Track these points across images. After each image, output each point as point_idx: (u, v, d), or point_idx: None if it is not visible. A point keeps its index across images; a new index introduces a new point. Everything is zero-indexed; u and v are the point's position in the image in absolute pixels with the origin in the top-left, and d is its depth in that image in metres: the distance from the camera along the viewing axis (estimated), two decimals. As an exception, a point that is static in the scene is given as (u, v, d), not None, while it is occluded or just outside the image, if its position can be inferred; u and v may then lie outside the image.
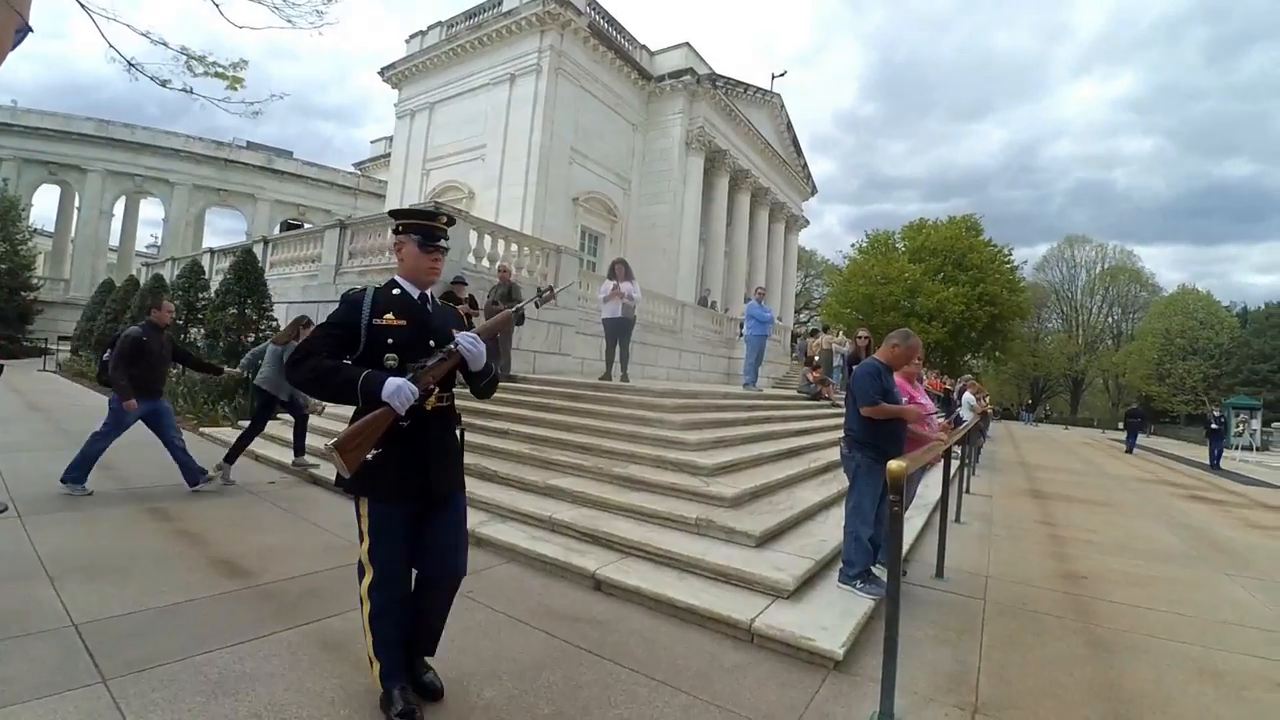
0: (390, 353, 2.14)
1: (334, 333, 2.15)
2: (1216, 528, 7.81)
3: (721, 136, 24.07)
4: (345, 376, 2.04)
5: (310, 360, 2.07)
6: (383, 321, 2.15)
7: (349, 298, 2.21)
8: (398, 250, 2.30)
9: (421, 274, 2.30)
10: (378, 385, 2.00)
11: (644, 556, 3.96)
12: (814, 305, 55.73)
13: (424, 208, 2.42)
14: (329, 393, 2.14)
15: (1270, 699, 3.05)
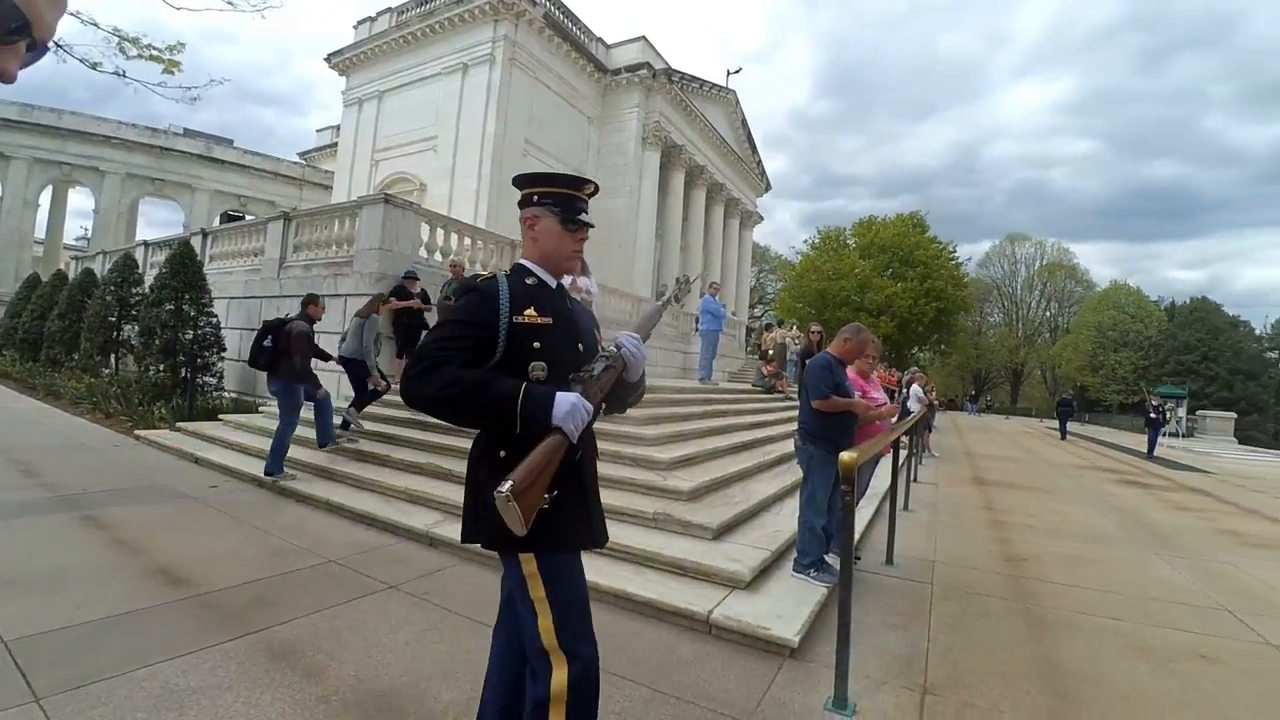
0: (537, 359, 1.61)
1: (465, 333, 1.59)
2: (1146, 510, 8.26)
3: (677, 132, 24.18)
4: (498, 392, 1.50)
5: (443, 372, 1.50)
6: (524, 319, 1.62)
7: (477, 286, 1.67)
8: (529, 226, 1.76)
9: (562, 258, 1.77)
10: (546, 404, 1.50)
11: (602, 553, 3.95)
12: (768, 300, 56.58)
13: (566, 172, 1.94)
14: (473, 414, 1.55)
15: (1196, 670, 3.25)
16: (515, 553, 1.60)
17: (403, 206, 9.05)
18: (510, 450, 1.55)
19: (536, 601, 1.60)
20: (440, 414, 1.55)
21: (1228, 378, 41.94)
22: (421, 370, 1.51)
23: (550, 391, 1.52)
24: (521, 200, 1.77)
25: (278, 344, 5.82)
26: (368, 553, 4.13)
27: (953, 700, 2.72)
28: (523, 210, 1.77)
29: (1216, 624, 3.97)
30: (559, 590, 1.62)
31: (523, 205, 1.77)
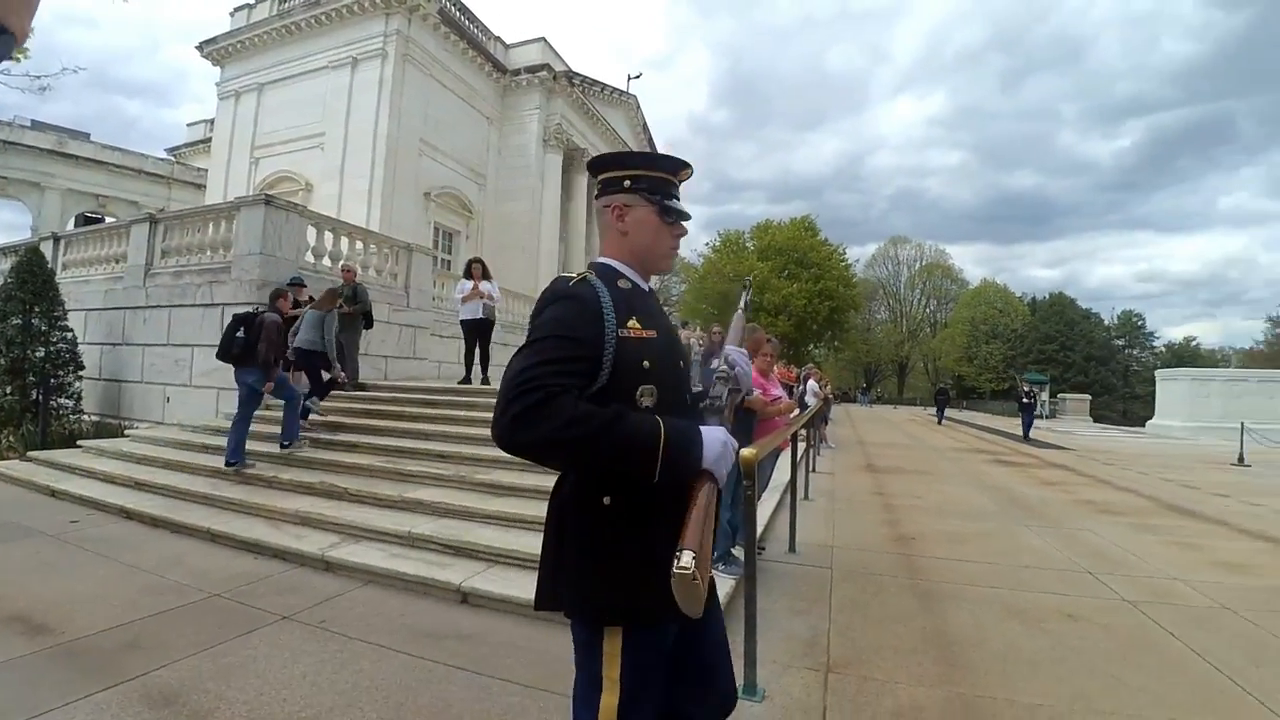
0: (646, 383, 1.30)
1: (572, 354, 1.22)
2: (1016, 487, 9.08)
3: (579, 135, 24.19)
4: (635, 430, 1.17)
5: (559, 406, 1.14)
6: (630, 332, 1.30)
7: (572, 292, 1.29)
8: (616, 217, 1.42)
9: (660, 257, 1.46)
10: (695, 444, 1.22)
11: (513, 563, 3.89)
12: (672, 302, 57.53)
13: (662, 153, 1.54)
14: (601, 460, 1.18)
15: (1063, 628, 3.61)
16: (604, 627, 1.27)
17: (286, 208, 8.49)
18: (616, 495, 1.25)
19: (607, 682, 1.26)
20: (557, 460, 1.23)
21: (1082, 364, 46.81)
22: (531, 406, 1.13)
23: (694, 427, 1.26)
24: (605, 184, 1.45)
25: (250, 335, 5.84)
26: (256, 583, 3.85)
27: (853, 676, 2.88)
28: (607, 197, 1.44)
29: (1079, 585, 4.43)
30: (640, 672, 1.27)
31: (607, 191, 1.44)
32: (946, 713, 2.61)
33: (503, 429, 1.16)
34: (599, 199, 1.46)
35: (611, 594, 1.24)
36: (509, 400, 1.15)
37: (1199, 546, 5.74)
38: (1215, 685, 2.94)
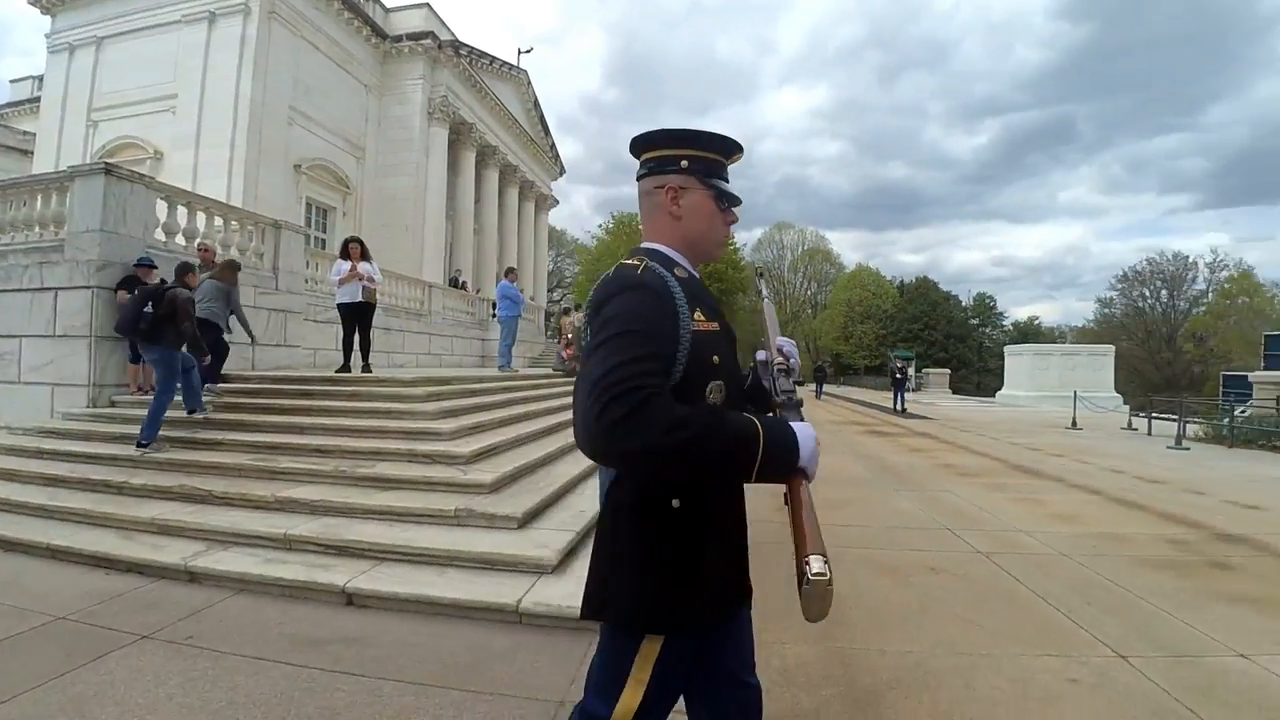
0: (715, 378, 1.23)
1: (655, 350, 1.11)
2: (888, 455, 9.85)
3: (466, 109, 23.24)
4: (736, 430, 1.09)
5: (659, 409, 1.02)
6: (698, 324, 1.22)
7: (643, 281, 1.19)
8: (671, 199, 1.32)
9: (714, 245, 1.39)
10: (793, 442, 1.14)
11: (400, 559, 3.75)
12: (566, 284, 57.22)
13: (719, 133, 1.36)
14: (704, 465, 1.08)
15: (928, 580, 4.00)
16: (644, 633, 1.21)
17: (131, 179, 7.53)
18: (685, 500, 1.19)
19: (633, 681, 1.22)
20: (658, 468, 1.07)
21: (944, 341, 51.30)
22: (633, 410, 0.99)
23: (787, 424, 1.16)
24: (658, 163, 1.33)
25: (158, 310, 5.57)
26: (109, 601, 3.45)
27: (743, 644, 3.03)
28: (660, 177, 1.33)
29: (941, 541, 4.90)
30: (669, 675, 1.24)
31: (659, 170, 1.33)
32: (827, 666, 2.82)
33: (600, 437, 1.02)
34: (648, 178, 1.35)
35: (667, 599, 1.19)
36: (605, 404, 1.00)
37: (1040, 501, 6.50)
38: (1055, 622, 3.37)
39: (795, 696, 2.55)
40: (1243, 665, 2.90)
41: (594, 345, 1.10)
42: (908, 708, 2.50)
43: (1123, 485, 7.46)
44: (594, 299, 1.20)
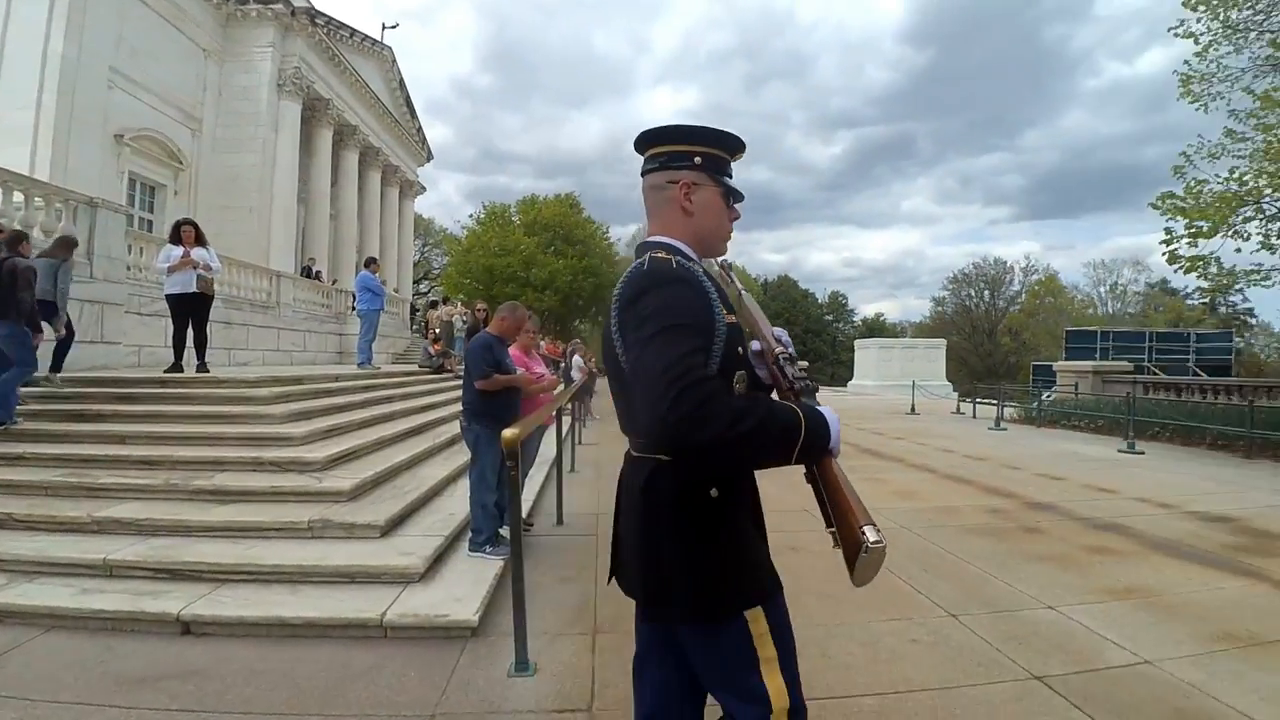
0: (740, 368, 1.27)
1: (705, 344, 1.16)
2: (751, 444, 10.35)
3: (323, 83, 21.41)
4: (784, 418, 1.13)
5: (722, 403, 1.05)
6: (728, 319, 1.25)
7: (681, 275, 1.20)
8: (684, 194, 1.33)
9: (720, 240, 1.42)
10: (826, 426, 1.18)
11: (246, 579, 3.41)
12: (434, 276, 54.88)
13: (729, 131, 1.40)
14: (760, 454, 1.14)
15: (789, 559, 4.15)
16: (741, 612, 1.23)
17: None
18: (723, 489, 1.23)
19: (765, 663, 1.23)
20: (726, 459, 1.13)
21: (802, 336, 54.88)
22: (700, 404, 1.01)
23: (819, 409, 1.20)
24: (670, 158, 1.34)
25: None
26: None
27: (619, 632, 3.06)
28: (671, 171, 1.33)
29: (800, 522, 5.21)
30: (786, 640, 1.28)
31: (672, 165, 1.33)
32: (697, 653, 2.91)
33: (674, 430, 1.02)
34: (659, 173, 1.35)
35: (745, 573, 1.25)
36: (674, 398, 1.01)
37: (883, 480, 7.14)
38: (899, 590, 3.71)
39: (667, 683, 2.62)
40: (1051, 616, 3.36)
41: (644, 338, 1.12)
42: (771, 682, 2.64)
43: (952, 463, 8.37)
44: (628, 292, 1.21)
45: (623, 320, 1.21)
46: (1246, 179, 9.52)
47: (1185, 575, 4.02)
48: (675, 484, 1.23)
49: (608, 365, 1.35)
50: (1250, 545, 4.69)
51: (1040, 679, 2.68)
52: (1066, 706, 2.46)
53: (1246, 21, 8.78)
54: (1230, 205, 9.30)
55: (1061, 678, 2.69)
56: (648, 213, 1.41)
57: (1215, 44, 9.10)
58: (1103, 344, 22.73)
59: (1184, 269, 10.20)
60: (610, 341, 1.28)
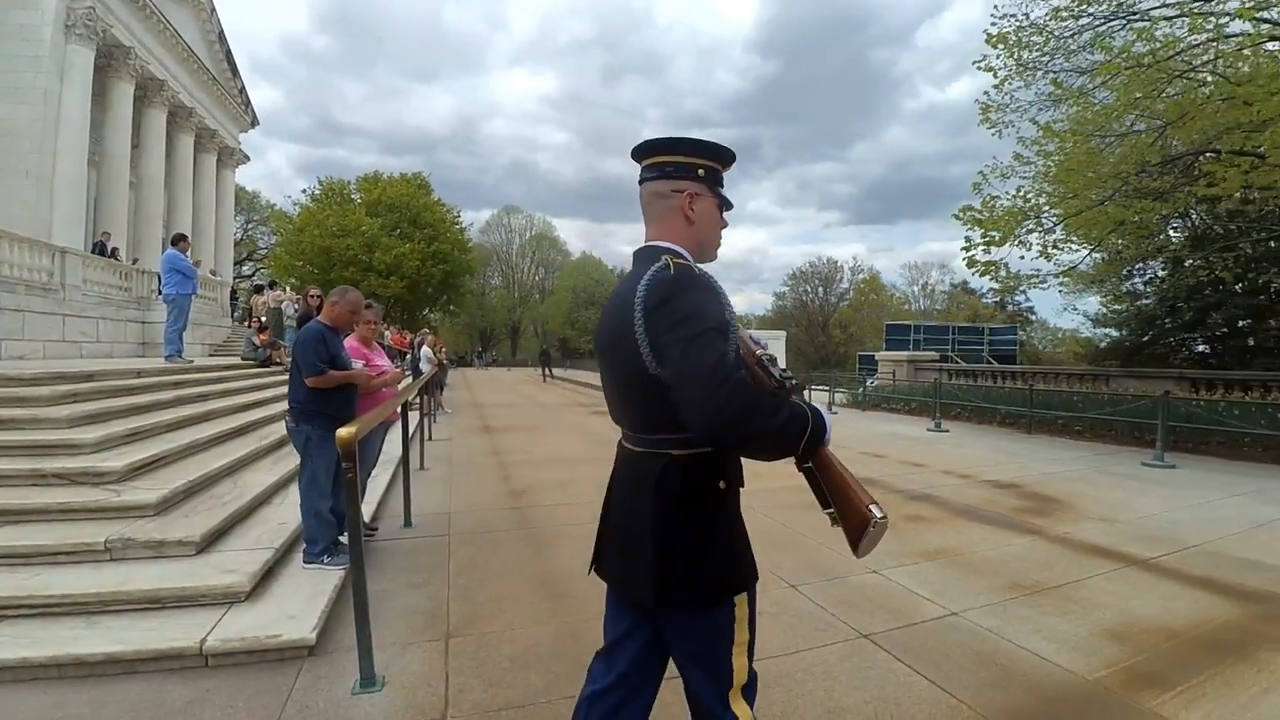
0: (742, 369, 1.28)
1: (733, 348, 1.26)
2: (610, 432, 10.47)
3: (123, 28, 18.31)
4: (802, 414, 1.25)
5: (762, 397, 1.20)
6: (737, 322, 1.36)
7: (705, 280, 1.30)
8: (687, 204, 1.42)
9: (714, 248, 1.51)
10: (824, 421, 1.30)
11: (30, 613, 2.87)
12: (259, 256, 49.66)
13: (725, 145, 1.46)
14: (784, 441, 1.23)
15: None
16: (732, 597, 1.36)
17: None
18: (730, 481, 1.39)
19: (738, 646, 1.37)
20: (765, 448, 1.22)
21: (654, 325, 56.52)
22: (751, 398, 1.17)
23: (816, 407, 1.32)
24: (675, 168, 1.42)
25: None
26: None
27: (473, 634, 2.98)
28: (675, 181, 1.43)
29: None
30: (754, 624, 1.41)
31: (676, 175, 1.43)
32: (557, 642, 2.91)
33: (728, 423, 1.16)
34: (662, 181, 1.43)
35: (740, 560, 1.39)
36: (730, 393, 1.15)
37: (729, 465, 7.53)
38: (739, 570, 3.93)
39: (527, 678, 2.59)
40: (875, 579, 3.74)
41: (684, 339, 1.21)
42: (628, 668, 2.70)
43: (790, 446, 9.04)
44: (655, 295, 1.28)
45: (651, 321, 1.28)
46: (1030, 197, 11.20)
47: (982, 536, 4.67)
48: (688, 477, 1.34)
49: (612, 360, 1.42)
50: (1032, 508, 5.54)
51: (867, 636, 2.98)
52: (889, 659, 2.76)
53: (1035, 61, 10.23)
54: (1016, 219, 10.86)
55: (885, 634, 3.01)
56: (647, 218, 1.48)
57: (1010, 79, 10.51)
58: (915, 336, 25.80)
59: (980, 272, 11.74)
60: (618, 339, 1.35)
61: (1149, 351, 17.75)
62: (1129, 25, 9.12)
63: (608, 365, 1.45)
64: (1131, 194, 10.01)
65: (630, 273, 1.41)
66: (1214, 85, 8.42)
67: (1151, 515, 5.20)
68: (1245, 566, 3.97)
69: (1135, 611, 3.29)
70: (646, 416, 1.38)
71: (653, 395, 1.30)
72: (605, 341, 1.44)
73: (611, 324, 1.40)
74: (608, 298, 1.49)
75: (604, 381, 1.53)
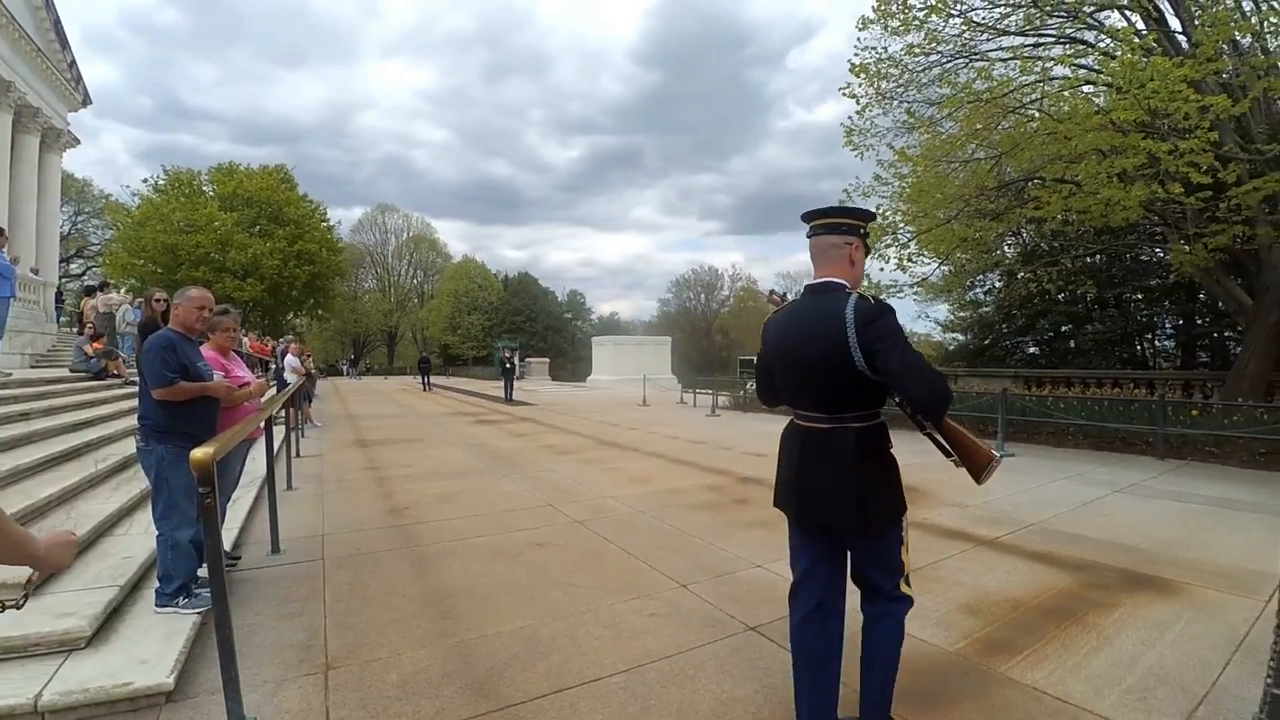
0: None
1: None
2: (494, 442, 10.25)
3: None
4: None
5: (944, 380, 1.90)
6: None
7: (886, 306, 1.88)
8: (855, 250, 2.04)
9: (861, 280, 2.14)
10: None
11: None
12: (91, 253, 43.91)
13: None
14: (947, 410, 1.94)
15: (535, 556, 4.27)
16: (900, 517, 2.01)
17: None
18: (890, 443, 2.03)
19: (904, 548, 2.04)
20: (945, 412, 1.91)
21: (543, 332, 55.79)
22: (944, 381, 1.86)
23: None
24: (848, 228, 2.04)
25: None
26: None
27: (355, 664, 2.78)
28: (848, 236, 2.03)
29: (544, 517, 5.31)
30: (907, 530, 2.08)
31: (850, 232, 2.03)
32: (447, 663, 2.78)
33: (943, 394, 1.82)
34: (836, 236, 2.03)
35: (902, 497, 2.00)
36: (941, 380, 1.83)
37: (620, 469, 7.60)
38: (636, 570, 3.98)
39: (416, 705, 2.45)
40: (760, 573, 3.91)
41: (899, 345, 1.81)
42: (525, 679, 2.64)
43: (678, 448, 9.27)
44: (866, 315, 1.83)
45: (864, 334, 1.82)
46: (888, 214, 12.22)
47: (851, 528, 5.00)
48: (872, 442, 1.96)
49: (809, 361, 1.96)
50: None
51: (755, 629, 3.11)
52: (775, 649, 2.88)
53: (892, 92, 11.22)
54: (876, 234, 11.80)
55: (771, 624, 3.15)
56: (820, 260, 2.06)
57: (870, 106, 11.45)
58: (790, 340, 27.26)
59: (845, 282, 12.67)
60: (824, 346, 1.89)
61: (989, 353, 19.91)
62: (971, 64, 10.24)
63: (799, 366, 2.00)
64: (973, 214, 11.20)
65: (814, 299, 2.00)
66: (1040, 121, 9.62)
67: (996, 499, 5.82)
68: (1073, 540, 4.54)
69: (986, 586, 3.67)
70: (841, 400, 1.93)
71: (851, 385, 1.89)
72: (794, 347, 2.01)
73: (809, 336, 1.95)
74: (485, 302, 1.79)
75: (787, 376, 2.07)
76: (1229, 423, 8.10)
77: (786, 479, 2.09)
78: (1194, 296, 15.52)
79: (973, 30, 10.10)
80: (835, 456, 1.93)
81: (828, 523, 1.97)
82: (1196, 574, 3.82)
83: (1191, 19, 8.92)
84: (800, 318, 2.01)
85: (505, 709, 2.42)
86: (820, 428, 1.97)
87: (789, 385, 2.07)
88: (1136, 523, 5.01)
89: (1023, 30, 10.03)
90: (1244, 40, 9.26)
